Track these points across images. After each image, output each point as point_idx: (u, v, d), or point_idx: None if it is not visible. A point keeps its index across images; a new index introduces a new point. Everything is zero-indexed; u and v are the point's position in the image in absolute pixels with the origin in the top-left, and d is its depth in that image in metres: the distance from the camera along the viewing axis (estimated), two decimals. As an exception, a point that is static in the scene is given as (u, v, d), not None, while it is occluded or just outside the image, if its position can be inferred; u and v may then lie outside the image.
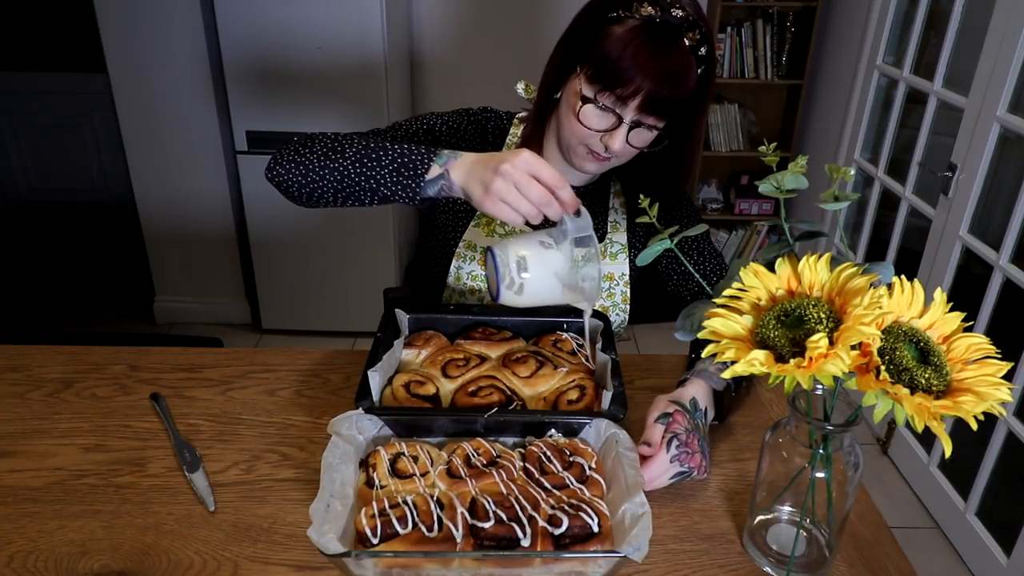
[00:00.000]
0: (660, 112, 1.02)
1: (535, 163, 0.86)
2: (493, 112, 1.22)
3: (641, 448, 0.88)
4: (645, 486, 0.80)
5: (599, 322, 1.07)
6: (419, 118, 1.17)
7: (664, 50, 0.98)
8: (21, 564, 0.76)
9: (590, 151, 1.07)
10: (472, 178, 0.89)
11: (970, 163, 2.00)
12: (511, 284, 0.87)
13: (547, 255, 0.88)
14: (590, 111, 1.03)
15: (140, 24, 2.50)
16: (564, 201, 0.87)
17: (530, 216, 0.87)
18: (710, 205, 3.28)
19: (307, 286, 2.84)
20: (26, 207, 3.45)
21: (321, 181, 0.99)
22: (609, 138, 1.04)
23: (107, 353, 1.13)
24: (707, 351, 0.64)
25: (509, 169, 0.85)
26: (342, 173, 0.97)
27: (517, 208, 0.86)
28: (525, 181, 0.85)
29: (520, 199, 0.86)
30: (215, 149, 2.69)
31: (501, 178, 0.85)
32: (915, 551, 2.05)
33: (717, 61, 1.07)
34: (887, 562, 0.81)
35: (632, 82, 0.99)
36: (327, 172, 0.98)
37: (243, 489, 0.88)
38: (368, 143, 0.97)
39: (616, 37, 0.99)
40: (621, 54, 0.98)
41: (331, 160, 0.98)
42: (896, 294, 0.65)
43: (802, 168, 0.66)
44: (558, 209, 0.87)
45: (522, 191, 0.86)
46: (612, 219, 1.24)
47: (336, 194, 0.99)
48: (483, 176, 0.88)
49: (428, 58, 2.97)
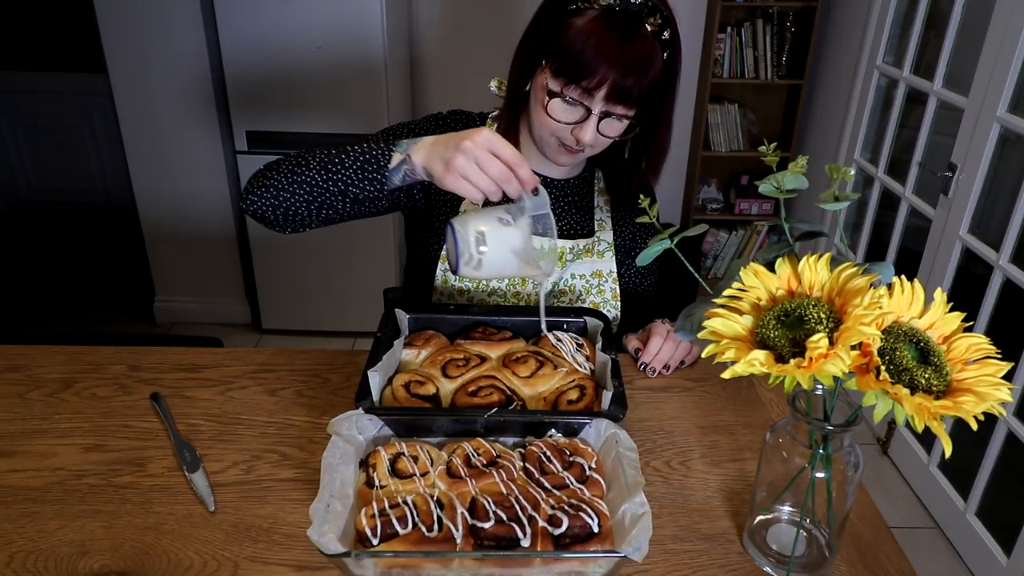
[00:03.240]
0: (627, 101, 1.02)
1: (495, 141, 0.88)
2: (464, 114, 1.23)
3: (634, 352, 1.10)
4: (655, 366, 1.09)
5: (599, 322, 1.07)
6: (391, 130, 1.19)
7: (626, 38, 0.98)
8: (21, 564, 0.76)
9: (561, 143, 1.08)
10: (433, 156, 0.92)
11: (970, 163, 2.00)
12: (469, 259, 0.90)
13: (505, 231, 0.90)
14: (558, 105, 1.04)
15: (140, 24, 2.50)
16: (523, 179, 0.89)
17: (489, 192, 0.89)
18: (710, 205, 3.28)
19: (307, 286, 2.84)
20: (26, 207, 3.45)
21: (292, 197, 1.00)
22: (579, 130, 1.05)
23: (107, 353, 1.13)
24: (707, 351, 0.65)
25: (470, 146, 0.87)
26: (310, 184, 0.99)
27: (477, 184, 0.88)
28: (486, 158, 0.87)
29: (480, 175, 0.88)
30: (215, 149, 2.69)
31: (462, 155, 0.88)
32: (915, 551, 2.05)
33: (680, 44, 1.06)
34: (887, 562, 0.81)
35: (596, 73, 0.99)
36: (296, 187, 1.00)
37: (243, 489, 0.87)
38: (330, 151, 1.00)
39: (577, 29, 1.00)
40: (583, 46, 0.98)
41: (296, 175, 1.00)
42: (896, 294, 0.65)
43: (802, 168, 0.66)
44: (517, 187, 0.89)
45: (483, 167, 0.88)
46: (599, 217, 1.25)
47: (309, 207, 1.01)
48: (444, 153, 0.90)
49: (428, 58, 2.97)
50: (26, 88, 3.21)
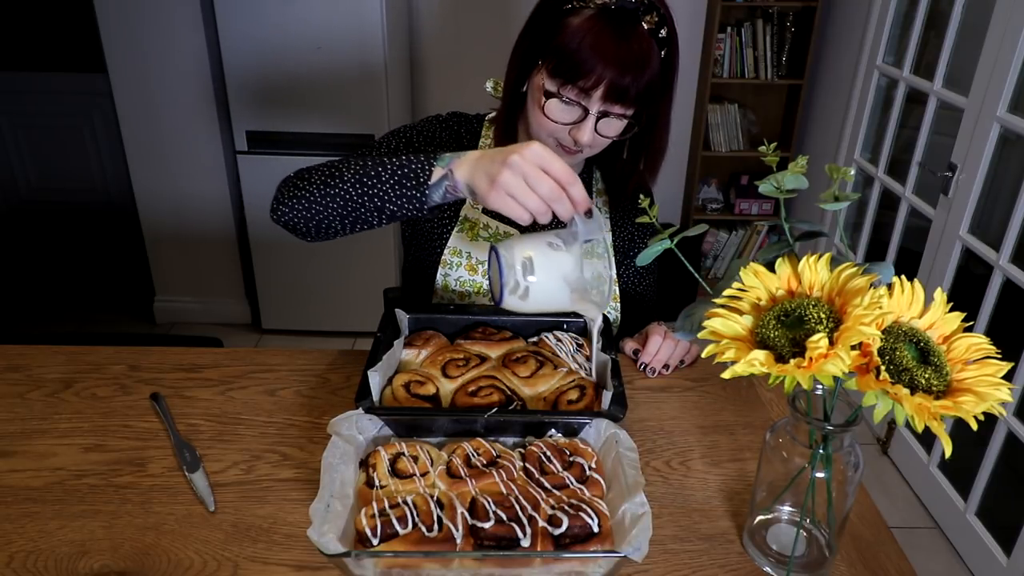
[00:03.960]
0: (625, 100, 0.99)
1: (546, 156, 0.81)
2: (463, 116, 1.21)
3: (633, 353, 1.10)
4: (655, 366, 1.08)
5: (599, 322, 1.07)
6: (394, 134, 1.16)
7: (622, 36, 0.96)
8: (21, 564, 0.76)
9: (560, 144, 1.06)
10: (478, 171, 0.84)
11: (970, 163, 2.00)
12: (515, 288, 0.81)
13: (555, 257, 0.82)
14: (555, 105, 1.02)
15: (140, 24, 2.50)
16: (575, 199, 0.82)
17: (538, 212, 0.82)
18: (710, 205, 3.28)
19: (307, 286, 2.84)
20: (26, 207, 3.45)
21: (325, 211, 0.95)
22: (577, 131, 1.02)
23: (107, 353, 1.13)
24: (707, 351, 0.64)
25: (519, 160, 0.80)
26: (344, 199, 0.94)
27: (524, 203, 0.81)
28: (535, 174, 0.80)
29: (528, 193, 0.81)
30: (215, 149, 2.69)
31: (509, 170, 0.80)
32: (915, 551, 2.05)
33: (678, 41, 1.04)
34: (887, 562, 0.81)
35: (593, 73, 0.96)
36: (329, 200, 0.95)
37: (243, 489, 0.87)
38: (365, 163, 0.94)
39: (573, 28, 0.98)
40: (579, 45, 0.96)
41: (331, 187, 0.94)
42: (896, 294, 0.65)
43: (802, 168, 0.66)
44: (569, 207, 0.82)
45: (532, 185, 0.81)
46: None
47: (343, 220, 0.96)
48: (489, 169, 0.82)
49: (428, 59, 2.97)
50: (26, 88, 3.21)
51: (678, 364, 1.12)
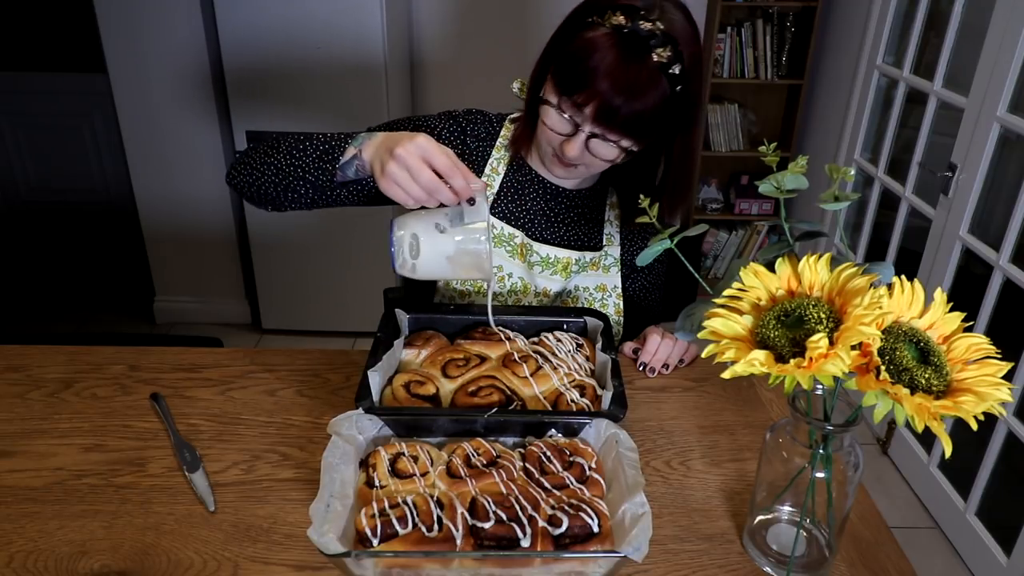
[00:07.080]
0: (611, 122, 0.98)
1: (429, 148, 0.87)
2: (482, 115, 1.20)
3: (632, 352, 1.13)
4: (654, 365, 1.10)
5: (599, 322, 1.07)
6: (394, 122, 1.17)
7: (627, 60, 0.96)
8: (21, 564, 0.76)
9: (555, 154, 1.08)
10: (376, 157, 0.92)
11: (970, 163, 2.00)
12: (403, 263, 0.91)
13: (439, 239, 0.90)
14: (553, 115, 1.03)
15: (140, 25, 2.50)
16: (457, 189, 0.88)
17: (420, 201, 0.88)
18: (710, 205, 3.28)
19: (307, 286, 2.84)
20: (26, 207, 3.45)
21: (263, 178, 1.02)
22: (566, 144, 1.03)
23: (107, 353, 1.13)
24: (707, 351, 0.65)
25: (402, 153, 0.87)
26: (276, 167, 1.01)
27: (409, 192, 0.88)
28: (417, 166, 0.87)
29: (411, 183, 0.87)
30: (215, 149, 2.69)
31: (395, 161, 0.87)
32: (915, 551, 2.05)
33: (701, 85, 1.03)
34: (887, 562, 0.81)
35: (585, 89, 0.97)
36: (265, 168, 1.02)
37: (243, 489, 0.88)
38: (301, 136, 1.01)
39: (584, 42, 0.98)
40: (581, 60, 0.97)
41: (268, 156, 1.02)
42: (896, 294, 0.65)
43: (802, 168, 0.66)
44: (449, 196, 0.88)
45: (413, 176, 0.87)
46: (608, 232, 1.23)
47: (277, 188, 1.03)
48: (382, 157, 0.89)
49: (428, 58, 2.97)
50: (26, 88, 3.20)
51: (678, 363, 1.12)
